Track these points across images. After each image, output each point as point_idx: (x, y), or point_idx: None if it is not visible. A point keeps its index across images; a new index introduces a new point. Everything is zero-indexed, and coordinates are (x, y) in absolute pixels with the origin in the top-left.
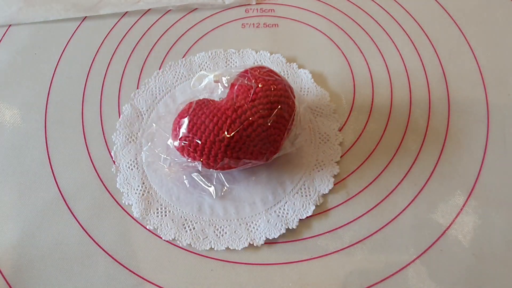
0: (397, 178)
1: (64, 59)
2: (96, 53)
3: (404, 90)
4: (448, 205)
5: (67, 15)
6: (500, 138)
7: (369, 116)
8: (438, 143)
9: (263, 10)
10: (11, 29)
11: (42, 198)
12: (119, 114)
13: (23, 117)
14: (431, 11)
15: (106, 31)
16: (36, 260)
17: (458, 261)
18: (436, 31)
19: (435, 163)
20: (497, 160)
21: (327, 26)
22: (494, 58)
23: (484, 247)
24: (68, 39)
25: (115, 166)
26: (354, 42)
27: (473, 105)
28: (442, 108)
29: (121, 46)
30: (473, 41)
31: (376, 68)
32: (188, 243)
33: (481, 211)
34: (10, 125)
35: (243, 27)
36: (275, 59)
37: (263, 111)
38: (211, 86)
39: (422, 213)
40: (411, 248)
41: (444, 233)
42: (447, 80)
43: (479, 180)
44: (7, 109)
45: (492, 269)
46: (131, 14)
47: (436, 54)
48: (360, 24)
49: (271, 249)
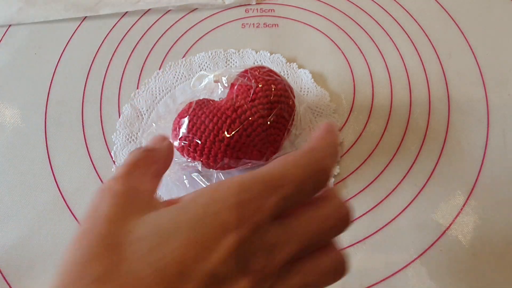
0: (397, 178)
1: (64, 59)
2: (96, 53)
3: (404, 90)
4: (448, 205)
5: (67, 15)
6: (500, 138)
7: (369, 116)
8: (438, 143)
9: (263, 10)
10: (11, 29)
11: (42, 198)
12: (119, 114)
13: (23, 117)
14: (431, 11)
15: (106, 31)
16: (36, 260)
17: (458, 261)
18: (436, 31)
19: (435, 163)
20: (497, 160)
21: (327, 26)
22: (494, 58)
23: (484, 247)
24: (68, 39)
25: (115, 166)
26: (354, 42)
27: (473, 105)
28: (442, 108)
29: (121, 46)
30: (473, 41)
31: (376, 68)
32: None
33: (481, 211)
34: (10, 125)
35: (243, 27)
36: (275, 59)
37: (263, 111)
38: (211, 86)
39: (422, 213)
40: (411, 248)
41: (444, 233)
42: (447, 80)
43: (479, 180)
44: (7, 109)
45: (492, 269)
46: (131, 14)
47: (436, 54)
48: (360, 24)
49: None
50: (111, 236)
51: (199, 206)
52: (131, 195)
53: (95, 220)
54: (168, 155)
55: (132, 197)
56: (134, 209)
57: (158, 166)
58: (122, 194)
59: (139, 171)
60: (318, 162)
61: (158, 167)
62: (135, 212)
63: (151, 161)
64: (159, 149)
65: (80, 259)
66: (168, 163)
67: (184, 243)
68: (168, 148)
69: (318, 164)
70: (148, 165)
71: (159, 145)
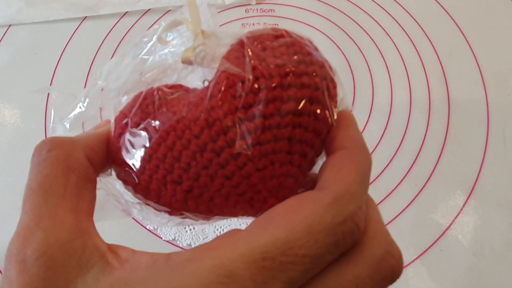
0: (397, 178)
1: (64, 59)
2: (96, 53)
3: (404, 90)
4: (448, 205)
5: (67, 15)
6: (500, 138)
7: (369, 116)
8: (438, 143)
9: (263, 10)
10: (11, 29)
11: None
12: None
13: (23, 117)
14: (431, 11)
15: (106, 31)
16: None
17: (458, 261)
18: (436, 31)
19: (435, 163)
20: (497, 160)
21: (327, 26)
22: (494, 58)
23: (484, 247)
24: (68, 39)
25: None
26: (354, 42)
27: (473, 105)
28: (442, 108)
29: (121, 46)
30: (473, 41)
31: (376, 68)
32: (188, 243)
33: (481, 211)
34: (10, 125)
35: (243, 27)
36: None
37: (261, 132)
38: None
39: (422, 213)
40: (411, 248)
41: (444, 233)
42: (447, 80)
43: (479, 180)
44: (7, 109)
45: (492, 269)
46: (131, 14)
47: (436, 54)
48: (360, 24)
49: None
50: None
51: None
52: (56, 252)
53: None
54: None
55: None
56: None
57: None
58: (43, 256)
59: (55, 198)
60: (348, 220)
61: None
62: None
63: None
64: (92, 135)
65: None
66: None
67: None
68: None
69: (349, 223)
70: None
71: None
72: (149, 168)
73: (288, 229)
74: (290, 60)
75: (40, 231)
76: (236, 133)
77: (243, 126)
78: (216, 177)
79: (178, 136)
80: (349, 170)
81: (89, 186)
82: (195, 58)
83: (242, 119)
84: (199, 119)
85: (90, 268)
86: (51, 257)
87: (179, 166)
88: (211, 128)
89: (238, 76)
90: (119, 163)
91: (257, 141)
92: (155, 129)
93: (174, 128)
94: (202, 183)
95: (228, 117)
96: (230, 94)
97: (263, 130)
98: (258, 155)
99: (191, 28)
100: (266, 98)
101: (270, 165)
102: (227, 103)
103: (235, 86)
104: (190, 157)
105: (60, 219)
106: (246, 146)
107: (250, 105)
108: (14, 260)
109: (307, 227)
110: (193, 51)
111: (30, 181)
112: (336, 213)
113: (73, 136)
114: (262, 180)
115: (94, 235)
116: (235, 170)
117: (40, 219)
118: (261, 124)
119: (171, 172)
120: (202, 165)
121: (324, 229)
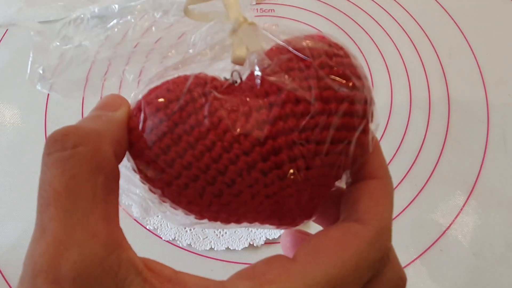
0: (397, 178)
1: None
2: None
3: (404, 90)
4: (448, 205)
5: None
6: (500, 138)
7: None
8: (438, 143)
9: (263, 10)
10: (11, 29)
11: None
12: None
13: (23, 117)
14: (431, 11)
15: None
16: None
17: (458, 261)
18: (436, 31)
19: (435, 163)
20: (497, 160)
21: (327, 26)
22: (494, 58)
23: (484, 247)
24: None
25: None
26: (354, 42)
27: (473, 105)
28: (442, 108)
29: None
30: (473, 41)
31: (376, 68)
32: (188, 243)
33: (481, 211)
34: (10, 125)
35: None
36: None
37: (312, 158)
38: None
39: (422, 213)
40: (411, 248)
41: (444, 233)
42: (447, 80)
43: (479, 180)
44: (7, 109)
45: (492, 269)
46: None
47: (436, 54)
48: (360, 24)
49: (271, 249)
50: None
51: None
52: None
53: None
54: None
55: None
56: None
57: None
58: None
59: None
60: (385, 256)
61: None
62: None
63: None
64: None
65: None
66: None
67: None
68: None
69: (385, 258)
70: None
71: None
72: (186, 176)
73: (339, 267)
74: (347, 85)
75: (75, 245)
76: (287, 155)
77: (295, 149)
78: (257, 196)
79: (225, 149)
80: (385, 204)
81: (115, 187)
82: (248, 62)
83: (296, 142)
84: (251, 134)
85: (128, 287)
86: (89, 277)
87: (223, 180)
88: (262, 147)
89: (301, 98)
90: (147, 160)
91: (306, 166)
92: (200, 134)
93: (221, 138)
94: (242, 200)
95: (281, 138)
96: (286, 114)
97: (314, 156)
98: (303, 179)
99: (231, 14)
100: (323, 124)
101: (309, 188)
102: (282, 123)
103: (295, 108)
104: (236, 174)
105: (93, 231)
106: (296, 170)
107: (305, 128)
108: (44, 278)
109: (355, 264)
110: (247, 51)
111: (53, 181)
112: (378, 250)
113: (95, 125)
114: (299, 201)
115: (127, 248)
116: (278, 191)
117: (73, 229)
118: (313, 149)
119: (212, 184)
120: (247, 183)
121: (368, 266)
